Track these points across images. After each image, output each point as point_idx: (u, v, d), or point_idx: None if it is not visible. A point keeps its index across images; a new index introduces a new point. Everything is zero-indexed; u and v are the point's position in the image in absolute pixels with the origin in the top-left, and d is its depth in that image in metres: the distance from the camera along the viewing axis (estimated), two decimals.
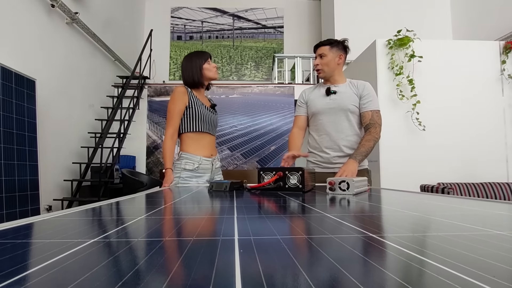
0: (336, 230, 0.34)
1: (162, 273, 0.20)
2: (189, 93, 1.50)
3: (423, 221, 0.41)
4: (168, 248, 0.26)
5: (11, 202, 2.49)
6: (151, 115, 5.17)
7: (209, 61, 1.55)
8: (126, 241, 0.29)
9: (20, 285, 0.17)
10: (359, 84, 1.49)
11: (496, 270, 0.20)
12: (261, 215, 0.47)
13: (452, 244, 0.27)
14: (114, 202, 0.63)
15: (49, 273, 0.20)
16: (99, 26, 4.49)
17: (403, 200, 0.66)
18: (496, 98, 2.88)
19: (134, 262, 0.22)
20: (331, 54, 1.47)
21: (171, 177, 1.41)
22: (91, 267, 0.21)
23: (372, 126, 1.42)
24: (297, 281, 0.18)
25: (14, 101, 2.60)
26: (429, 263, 0.22)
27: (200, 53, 1.56)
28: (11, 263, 0.22)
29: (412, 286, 0.17)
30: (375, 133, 1.41)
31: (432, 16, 5.12)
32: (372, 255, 0.24)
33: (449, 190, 2.17)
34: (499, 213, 0.47)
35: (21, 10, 2.98)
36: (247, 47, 7.33)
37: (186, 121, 1.49)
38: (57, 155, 3.52)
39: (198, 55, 1.55)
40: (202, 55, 1.55)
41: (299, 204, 0.60)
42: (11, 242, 0.29)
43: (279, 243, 0.28)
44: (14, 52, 2.86)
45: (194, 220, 0.42)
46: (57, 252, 0.25)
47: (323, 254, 0.24)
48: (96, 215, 0.47)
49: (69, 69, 3.81)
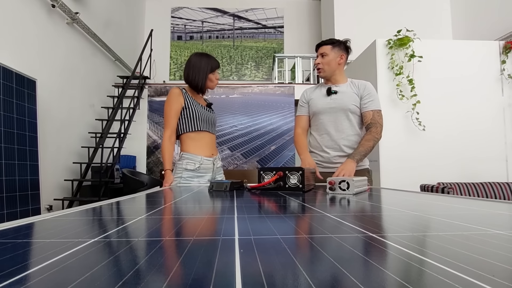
0: (336, 229, 0.34)
1: (162, 272, 0.20)
2: (184, 94, 1.50)
3: (423, 220, 0.41)
4: (168, 248, 0.26)
5: (12, 202, 2.49)
6: (152, 115, 5.17)
7: (216, 72, 1.52)
8: (127, 241, 0.29)
9: (20, 284, 0.17)
10: (360, 84, 1.49)
11: (495, 270, 0.20)
12: (261, 215, 0.47)
13: (451, 243, 0.27)
14: (115, 202, 0.63)
15: (50, 272, 0.20)
16: (99, 26, 4.49)
17: (403, 200, 0.66)
18: (496, 98, 2.88)
19: (134, 262, 0.22)
20: (333, 54, 1.47)
21: (171, 178, 1.41)
22: (92, 267, 0.21)
23: (373, 126, 1.42)
24: (297, 280, 0.18)
25: (15, 101, 2.60)
26: (429, 262, 0.22)
27: (211, 59, 1.51)
28: (12, 262, 0.22)
29: (412, 285, 0.17)
30: (376, 133, 1.41)
31: (432, 16, 5.12)
32: (372, 255, 0.24)
33: (449, 190, 2.17)
34: (499, 213, 0.47)
35: (22, 10, 2.99)
36: (247, 47, 7.33)
37: (184, 121, 1.49)
38: (57, 155, 3.53)
39: (208, 60, 1.50)
40: (211, 62, 1.51)
41: (299, 204, 0.60)
42: (12, 242, 0.29)
43: (279, 242, 0.28)
44: (15, 52, 2.86)
45: (195, 220, 0.42)
46: (57, 251, 0.25)
47: (323, 253, 0.24)
48: (96, 215, 0.47)
49: (70, 69, 3.82)
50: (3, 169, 2.42)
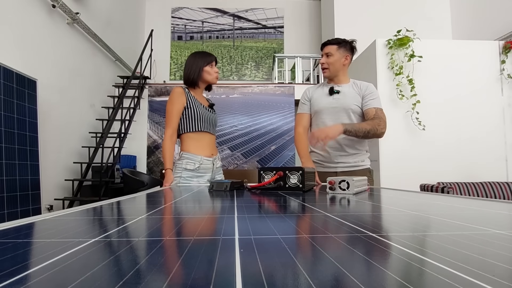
0: (336, 229, 0.34)
1: (163, 272, 0.20)
2: (186, 93, 1.50)
3: (423, 220, 0.41)
4: (169, 248, 0.26)
5: (13, 202, 2.49)
6: (152, 115, 5.17)
7: (212, 64, 1.54)
8: (127, 241, 0.29)
9: (21, 284, 0.17)
10: (362, 85, 1.49)
11: (495, 269, 0.20)
12: (261, 215, 0.47)
13: (451, 243, 0.27)
14: (115, 202, 0.63)
15: (50, 272, 0.20)
16: (100, 26, 4.49)
17: (403, 200, 0.66)
18: (496, 98, 2.88)
19: (134, 261, 0.22)
20: (338, 54, 1.46)
21: (171, 177, 1.41)
22: (92, 267, 0.21)
23: (376, 119, 1.40)
24: (297, 280, 0.18)
25: (16, 101, 2.60)
26: (429, 262, 0.22)
27: (205, 54, 1.55)
28: (12, 262, 0.22)
29: (412, 285, 0.17)
30: (378, 124, 1.38)
31: (432, 16, 5.12)
32: (372, 254, 0.24)
33: (449, 190, 2.17)
34: (499, 213, 0.47)
35: (22, 10, 2.99)
36: (248, 47, 7.33)
37: (185, 121, 1.50)
38: (58, 154, 3.53)
39: (202, 55, 1.54)
40: (206, 56, 1.53)
41: (299, 204, 0.60)
42: (13, 242, 0.29)
43: (279, 242, 0.28)
44: (15, 52, 2.86)
45: (195, 219, 0.42)
46: (58, 251, 0.25)
47: (323, 253, 0.24)
48: (97, 215, 0.47)
49: (70, 69, 3.82)
50: (3, 169, 2.42)
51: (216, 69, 1.56)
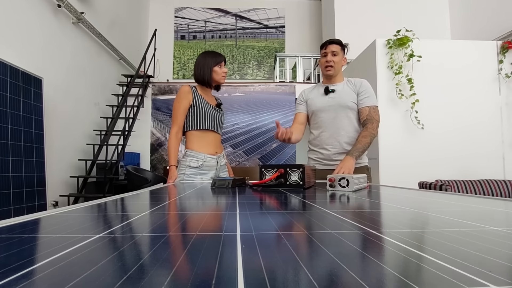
0: (335, 225, 0.34)
1: (166, 267, 0.20)
2: (193, 92, 1.52)
3: (421, 217, 0.42)
4: (172, 243, 0.27)
5: (19, 198, 2.52)
6: (155, 113, 5.19)
7: (221, 65, 1.55)
8: (131, 236, 0.30)
9: (27, 278, 0.18)
10: (356, 82, 1.51)
11: (492, 265, 0.20)
12: (262, 211, 0.47)
13: (449, 239, 0.27)
14: (119, 198, 0.64)
15: (56, 267, 0.20)
16: (104, 26, 4.51)
17: (402, 197, 0.66)
18: (493, 97, 2.89)
19: (138, 256, 0.23)
20: (341, 55, 1.51)
21: (175, 174, 1.42)
22: (97, 262, 0.21)
23: (369, 122, 1.43)
24: (298, 275, 0.18)
25: (22, 99, 2.63)
26: (427, 258, 0.22)
27: (215, 54, 1.56)
28: (19, 257, 0.22)
29: (410, 280, 0.17)
30: (372, 128, 1.42)
31: (431, 16, 5.12)
32: (371, 251, 0.24)
33: (447, 187, 2.16)
34: (496, 210, 0.47)
35: (28, 10, 3.01)
36: (249, 47, 7.32)
37: (190, 119, 1.51)
38: (63, 152, 3.56)
39: (212, 55, 1.55)
40: (216, 56, 1.55)
41: (300, 201, 0.60)
42: (19, 237, 0.29)
43: (280, 238, 0.29)
44: (21, 51, 2.89)
45: (197, 215, 0.43)
46: (63, 246, 0.25)
47: (323, 249, 0.24)
48: (101, 211, 0.48)
49: (75, 68, 3.84)
50: (10, 165, 2.45)
51: (225, 69, 1.58)
